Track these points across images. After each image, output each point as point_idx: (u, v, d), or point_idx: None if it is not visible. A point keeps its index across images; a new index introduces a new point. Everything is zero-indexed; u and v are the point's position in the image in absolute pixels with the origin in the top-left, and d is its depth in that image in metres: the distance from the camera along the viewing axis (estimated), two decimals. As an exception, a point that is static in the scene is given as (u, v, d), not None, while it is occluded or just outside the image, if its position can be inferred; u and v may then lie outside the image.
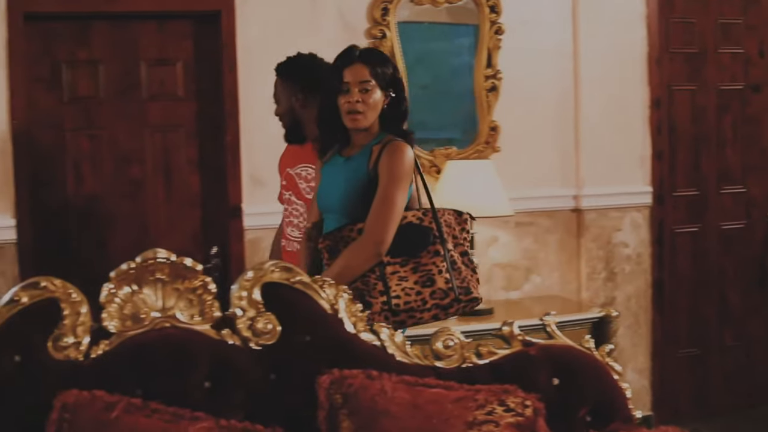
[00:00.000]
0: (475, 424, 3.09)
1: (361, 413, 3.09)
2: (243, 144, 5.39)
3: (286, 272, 3.31)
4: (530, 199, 5.90)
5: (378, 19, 5.57)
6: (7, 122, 5.06)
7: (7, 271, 5.08)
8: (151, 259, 3.17)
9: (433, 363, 3.35)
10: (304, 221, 4.37)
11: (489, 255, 5.89)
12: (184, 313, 3.20)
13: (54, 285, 3.12)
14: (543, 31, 5.98)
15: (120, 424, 2.92)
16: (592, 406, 3.34)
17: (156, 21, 5.44)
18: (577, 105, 6.04)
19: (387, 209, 3.75)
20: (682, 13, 6.24)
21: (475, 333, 4.83)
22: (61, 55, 5.33)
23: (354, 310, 3.34)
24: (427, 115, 5.83)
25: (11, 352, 3.05)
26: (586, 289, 6.07)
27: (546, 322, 3.44)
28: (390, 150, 3.83)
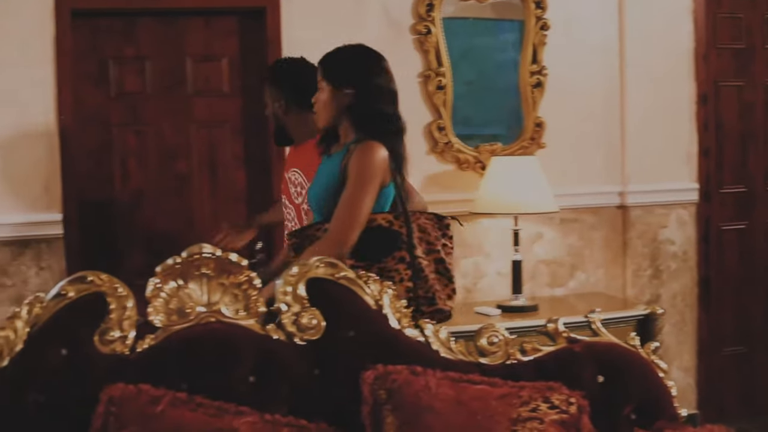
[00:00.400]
0: (520, 420, 3.08)
1: (405, 409, 3.09)
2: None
3: (331, 268, 3.32)
4: (575, 195, 5.87)
5: (423, 15, 5.56)
6: (55, 118, 5.10)
7: (54, 265, 5.11)
8: (196, 254, 3.18)
9: (478, 359, 3.35)
10: (295, 226, 4.39)
11: (534, 252, 5.87)
12: (229, 307, 3.22)
13: (100, 279, 3.14)
14: (589, 26, 5.94)
15: (165, 418, 2.94)
16: (637, 404, 3.32)
17: (202, 17, 5.47)
18: (623, 101, 6.00)
19: (350, 210, 3.65)
20: (730, 8, 6.19)
21: (519, 330, 4.82)
22: (108, 52, 5.36)
23: (398, 306, 3.34)
24: (472, 111, 5.83)
25: (58, 346, 3.07)
26: (632, 286, 6.04)
27: (591, 319, 3.43)
28: (358, 150, 3.72)
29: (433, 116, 5.64)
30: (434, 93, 5.61)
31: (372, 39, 5.34)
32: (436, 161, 5.67)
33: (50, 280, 5.03)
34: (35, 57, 5.06)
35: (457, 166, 5.71)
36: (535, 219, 5.75)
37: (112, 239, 5.36)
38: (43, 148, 5.09)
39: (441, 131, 5.64)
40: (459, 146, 5.69)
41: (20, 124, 5.05)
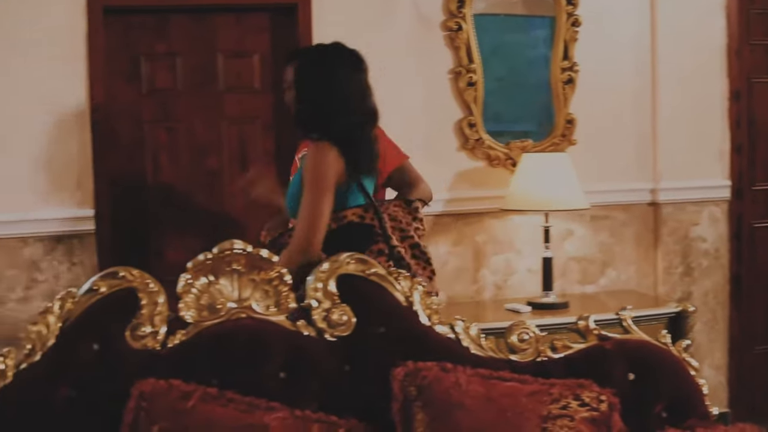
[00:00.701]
0: (550, 418, 3.08)
1: (435, 406, 3.09)
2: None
3: (362, 264, 3.33)
4: (606, 192, 5.85)
5: (454, 11, 5.55)
6: (87, 114, 5.12)
7: (86, 260, 5.14)
8: (227, 250, 3.20)
9: (508, 356, 3.34)
10: None
11: (564, 248, 5.85)
12: (260, 303, 3.23)
13: (132, 275, 3.16)
14: (620, 22, 5.92)
15: (196, 413, 2.95)
16: (668, 402, 3.31)
17: (233, 14, 5.48)
18: (655, 97, 5.97)
19: (306, 215, 3.68)
20: (763, 4, 6.13)
21: (550, 327, 4.81)
22: (139, 48, 5.38)
23: (429, 303, 3.34)
24: (503, 107, 5.81)
25: (90, 341, 3.09)
26: (663, 283, 6.02)
27: (622, 316, 3.42)
28: (308, 154, 3.80)
29: (464, 113, 5.64)
30: (465, 89, 5.60)
31: (402, 35, 5.39)
32: (466, 158, 5.67)
33: (82, 275, 5.06)
34: (68, 54, 5.09)
35: (488, 162, 5.70)
36: (566, 216, 5.74)
37: (144, 235, 5.38)
38: (76, 145, 5.12)
39: (472, 128, 5.63)
40: (490, 143, 5.68)
41: (53, 121, 5.07)
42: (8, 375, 3.00)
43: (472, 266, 5.70)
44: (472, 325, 3.38)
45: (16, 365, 3.03)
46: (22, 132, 5.03)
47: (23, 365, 3.03)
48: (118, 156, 5.32)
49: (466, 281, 5.69)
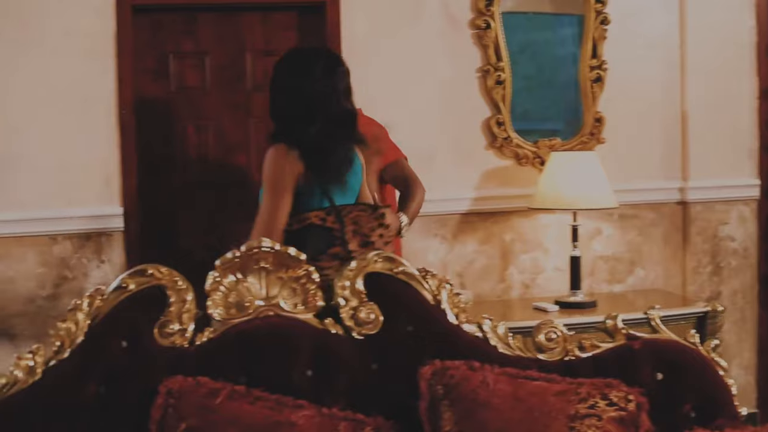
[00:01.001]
0: (577, 417, 3.07)
1: (463, 404, 3.09)
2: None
3: (389, 262, 3.33)
4: (635, 191, 5.83)
5: (482, 10, 5.54)
6: (115, 112, 5.14)
7: (115, 258, 5.16)
8: (255, 248, 3.21)
9: (536, 355, 3.34)
10: None
11: (592, 247, 5.84)
12: (288, 301, 3.24)
13: (161, 272, 3.17)
14: (649, 20, 5.89)
15: (224, 411, 2.96)
16: (696, 402, 3.29)
17: (261, 12, 5.49)
18: (684, 96, 5.95)
19: (261, 217, 3.73)
20: (793, 2, 6.11)
21: (578, 326, 4.80)
22: (168, 47, 5.40)
23: (456, 302, 3.34)
24: (531, 105, 5.81)
25: (118, 338, 3.11)
26: (691, 283, 5.99)
27: (650, 316, 3.41)
28: (267, 154, 3.83)
29: (492, 111, 5.63)
30: (493, 88, 5.59)
31: (430, 34, 5.38)
32: (494, 156, 5.66)
33: (110, 273, 5.09)
34: (97, 52, 5.11)
35: (516, 161, 5.69)
36: (594, 215, 5.73)
37: (172, 233, 5.40)
38: (104, 143, 5.14)
39: (500, 126, 5.62)
40: (518, 141, 5.67)
41: (81, 119, 5.10)
42: (38, 372, 3.02)
43: (500, 265, 5.70)
44: (499, 323, 3.38)
45: (46, 362, 3.05)
46: (51, 130, 5.05)
47: (52, 362, 3.05)
48: (147, 154, 5.34)
49: (494, 280, 5.68)
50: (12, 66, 5.00)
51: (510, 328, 3.42)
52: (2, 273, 5.03)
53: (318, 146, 3.75)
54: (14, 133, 5.01)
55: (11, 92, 5.00)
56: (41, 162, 5.05)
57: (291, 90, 3.84)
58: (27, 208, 5.04)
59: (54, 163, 5.07)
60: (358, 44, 5.38)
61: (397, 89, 5.45)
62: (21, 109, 5.02)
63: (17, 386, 3.00)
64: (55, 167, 5.07)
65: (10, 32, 4.99)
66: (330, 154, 3.78)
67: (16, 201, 5.02)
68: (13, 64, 5.00)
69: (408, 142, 4.92)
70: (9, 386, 3.00)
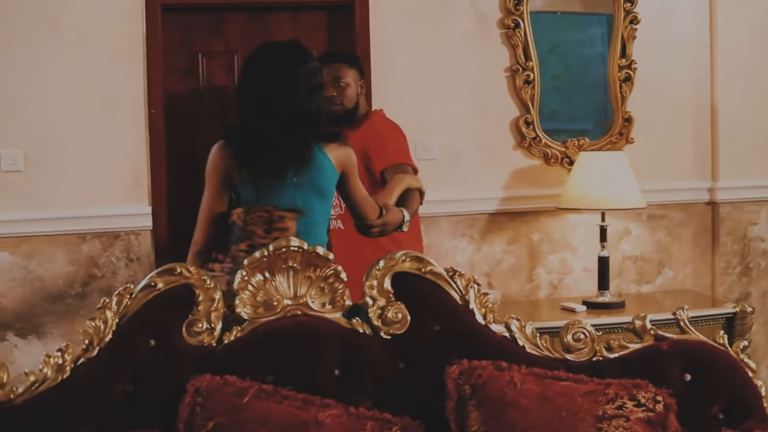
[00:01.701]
0: (605, 418, 3.06)
1: (490, 404, 3.09)
2: (375, 134, 5.41)
3: (417, 262, 3.32)
4: (664, 191, 5.81)
5: (511, 9, 5.53)
6: (144, 112, 5.16)
7: (143, 257, 5.18)
8: (283, 248, 3.21)
9: (563, 356, 3.33)
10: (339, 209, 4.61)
11: (621, 248, 5.82)
12: (316, 301, 3.24)
13: (189, 271, 3.18)
14: (679, 19, 5.87)
15: (251, 410, 2.96)
16: (724, 403, 3.27)
17: (290, 12, 5.50)
18: (714, 95, 5.92)
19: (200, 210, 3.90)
20: (825, -1, 6.07)
21: (605, 326, 4.80)
22: (197, 46, 5.42)
23: (484, 301, 3.34)
24: (559, 105, 5.80)
25: (147, 337, 3.12)
26: (720, 283, 5.96)
27: (678, 316, 3.39)
28: None
29: (521, 111, 5.62)
30: (522, 87, 5.58)
31: (459, 33, 5.38)
32: (522, 156, 5.65)
33: (139, 271, 5.11)
34: (126, 51, 5.13)
35: (544, 161, 5.68)
36: (623, 215, 5.71)
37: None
38: (133, 142, 5.16)
39: (528, 126, 5.61)
40: (546, 141, 5.66)
41: (111, 118, 5.12)
42: (66, 369, 3.04)
43: (528, 265, 5.69)
44: (527, 323, 3.37)
45: (75, 360, 3.06)
46: (80, 129, 5.08)
47: (81, 360, 3.06)
48: (176, 153, 5.36)
49: (522, 280, 5.68)
50: (42, 66, 5.02)
51: (537, 328, 3.41)
52: (32, 271, 5.06)
53: (259, 144, 3.77)
54: (44, 132, 5.04)
55: (42, 92, 5.03)
56: (70, 161, 5.07)
57: (247, 86, 3.87)
58: (56, 207, 5.07)
59: (83, 163, 5.09)
60: (387, 44, 5.38)
61: (426, 89, 5.45)
62: (51, 108, 5.04)
63: (46, 384, 3.01)
64: (85, 166, 5.10)
65: (41, 32, 5.02)
66: (264, 152, 3.77)
67: (45, 200, 5.05)
68: (43, 64, 5.02)
69: (436, 141, 4.93)
70: (38, 384, 3.01)
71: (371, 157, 4.69)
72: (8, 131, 5.01)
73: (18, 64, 4.99)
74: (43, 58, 5.03)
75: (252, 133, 3.79)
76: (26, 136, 5.03)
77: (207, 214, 3.84)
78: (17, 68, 5.00)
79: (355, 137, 4.53)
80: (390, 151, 4.72)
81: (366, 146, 4.67)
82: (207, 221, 3.84)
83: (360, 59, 4.99)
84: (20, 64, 5.00)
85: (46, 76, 5.03)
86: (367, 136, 4.73)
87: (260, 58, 3.90)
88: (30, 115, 5.03)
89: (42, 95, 5.03)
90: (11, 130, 5.01)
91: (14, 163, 5.01)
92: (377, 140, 4.74)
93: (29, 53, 5.00)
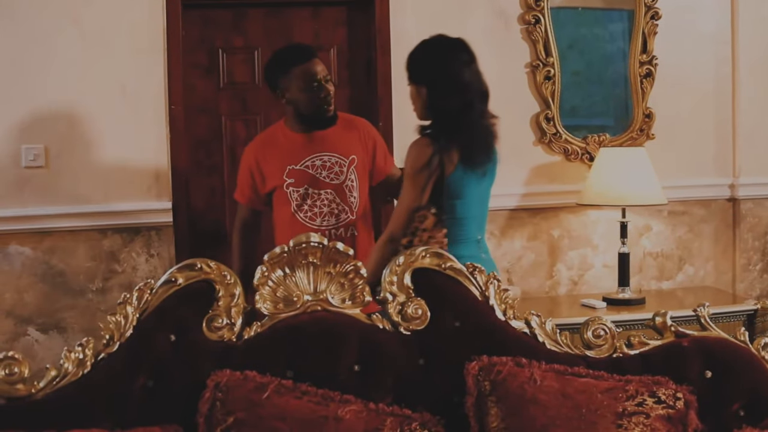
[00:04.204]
0: (625, 415, 3.06)
1: (510, 400, 3.09)
2: (395, 130, 5.40)
3: (437, 258, 3.32)
4: (685, 187, 5.79)
5: (532, 5, 5.52)
6: (165, 108, 5.17)
7: (163, 252, 5.19)
8: (303, 243, 3.21)
9: (584, 352, 3.33)
10: (337, 208, 4.57)
11: (641, 244, 5.81)
12: (336, 296, 3.24)
13: (209, 267, 3.19)
14: (700, 15, 5.85)
15: (271, 405, 2.97)
16: (745, 400, 3.26)
17: (311, 7, 5.50)
18: (735, 92, 5.90)
19: (399, 205, 4.00)
20: None
21: (626, 323, 4.80)
22: (217, 42, 5.43)
23: (504, 298, 3.33)
24: (580, 101, 5.78)
25: (167, 332, 3.13)
26: (741, 280, 5.94)
27: (699, 313, 3.38)
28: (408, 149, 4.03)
29: (541, 107, 5.61)
30: (542, 83, 5.57)
31: (480, 29, 5.37)
32: (543, 152, 5.64)
33: (159, 267, 5.12)
34: (147, 47, 5.14)
35: (565, 157, 5.67)
36: (643, 211, 5.69)
37: (221, 227, 5.42)
38: (154, 137, 5.17)
39: (549, 122, 5.60)
40: (567, 137, 5.65)
41: (132, 114, 5.13)
42: (87, 364, 3.05)
43: (548, 261, 5.68)
44: (547, 320, 3.37)
45: (95, 355, 3.07)
46: (102, 124, 5.09)
47: (102, 355, 3.07)
48: (196, 149, 5.37)
49: (542, 276, 5.67)
50: (64, 62, 5.04)
51: (558, 325, 3.41)
52: (53, 266, 5.08)
53: (461, 135, 3.98)
54: (66, 128, 5.05)
55: (63, 88, 5.04)
56: (92, 157, 5.09)
57: (449, 81, 4.01)
58: (78, 203, 5.08)
59: (104, 158, 5.11)
60: (407, 39, 5.35)
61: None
62: (73, 104, 5.06)
63: (67, 378, 3.03)
64: (106, 162, 5.11)
65: (63, 28, 5.03)
66: (476, 139, 4.08)
67: (67, 195, 5.06)
68: (65, 60, 5.04)
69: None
70: (59, 378, 3.02)
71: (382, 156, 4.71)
72: (30, 127, 5.02)
73: (40, 59, 5.01)
74: (65, 54, 5.04)
75: (460, 123, 3.96)
76: (48, 132, 5.04)
77: (408, 207, 3.90)
78: (40, 64, 5.01)
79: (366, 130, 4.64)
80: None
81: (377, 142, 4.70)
82: (407, 214, 3.90)
83: None
84: (42, 59, 5.01)
85: (68, 71, 5.05)
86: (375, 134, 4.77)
87: (442, 51, 4.05)
88: (52, 111, 5.04)
89: (64, 91, 5.05)
90: (33, 126, 5.02)
91: (36, 159, 5.02)
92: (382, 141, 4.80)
93: (51, 49, 5.02)
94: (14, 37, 4.98)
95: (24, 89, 5.00)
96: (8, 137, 5.00)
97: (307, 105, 4.45)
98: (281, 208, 4.52)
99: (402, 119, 5.36)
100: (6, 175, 5.01)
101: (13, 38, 4.98)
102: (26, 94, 5.01)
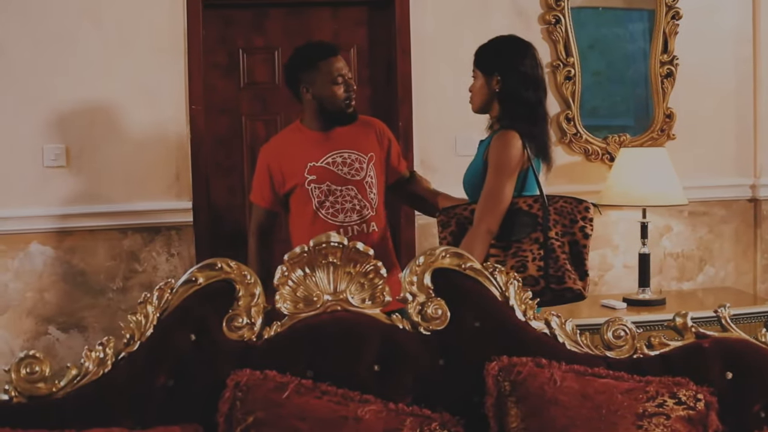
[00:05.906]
0: (645, 416, 3.05)
1: (529, 401, 3.08)
2: (415, 130, 5.40)
3: (457, 258, 3.32)
4: (705, 188, 5.78)
5: (552, 5, 5.52)
6: (186, 108, 5.18)
7: (184, 252, 5.21)
8: (323, 243, 3.21)
9: (604, 353, 3.31)
10: (359, 204, 4.52)
11: (662, 244, 5.80)
12: (356, 296, 3.24)
13: (229, 266, 3.19)
14: (721, 15, 5.84)
15: (291, 405, 2.97)
16: (767, 402, 3.25)
17: (330, 7, 5.50)
18: (756, 91, 5.88)
19: (491, 201, 3.87)
20: None
21: (646, 324, 4.79)
22: (238, 42, 5.44)
23: (524, 298, 3.33)
24: (600, 101, 5.78)
25: (187, 331, 3.13)
26: (762, 281, 5.93)
27: (720, 314, 3.37)
28: (495, 141, 3.95)
29: (562, 107, 5.61)
30: (563, 83, 5.57)
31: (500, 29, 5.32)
32: (563, 152, 5.63)
33: (180, 266, 5.14)
34: (167, 48, 5.16)
35: (585, 157, 5.67)
36: (664, 211, 5.68)
37: (241, 227, 5.42)
38: (174, 137, 5.19)
39: (569, 122, 5.60)
40: (587, 137, 5.65)
41: (152, 114, 5.15)
42: (108, 363, 3.05)
43: (568, 261, 5.66)
44: (567, 320, 3.36)
45: (116, 354, 3.08)
46: (122, 124, 5.11)
47: (122, 354, 3.08)
48: (216, 149, 5.38)
49: (562, 276, 5.65)
50: (84, 62, 5.06)
51: (578, 325, 3.40)
52: (74, 266, 5.10)
53: (540, 130, 4.05)
54: (87, 128, 5.08)
55: (84, 88, 5.06)
56: (112, 157, 5.11)
57: (527, 75, 4.03)
58: (98, 202, 5.10)
59: (125, 158, 5.13)
60: (427, 39, 5.39)
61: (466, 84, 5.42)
62: (94, 104, 5.08)
63: (87, 377, 3.03)
64: (126, 162, 5.13)
65: (83, 28, 5.05)
66: (546, 137, 4.11)
67: (87, 195, 5.08)
68: (85, 60, 5.06)
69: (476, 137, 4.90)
70: (80, 377, 3.03)
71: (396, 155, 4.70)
72: (52, 126, 5.04)
73: (61, 60, 5.03)
74: (86, 54, 5.06)
75: (534, 119, 4.00)
76: (69, 132, 5.06)
77: (506, 202, 3.90)
78: (61, 64, 5.04)
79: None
80: None
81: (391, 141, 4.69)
82: (504, 210, 3.89)
83: None
84: (63, 60, 5.04)
85: (89, 71, 5.07)
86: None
87: (521, 46, 4.09)
88: (73, 111, 5.06)
89: (84, 91, 5.07)
90: (55, 126, 5.05)
91: (57, 158, 5.05)
92: None
93: (72, 49, 5.04)
94: (35, 37, 5.00)
95: (45, 89, 5.03)
96: (30, 137, 5.03)
97: (332, 100, 4.43)
98: (302, 207, 4.50)
99: (421, 119, 5.37)
100: (27, 174, 5.03)
101: (34, 38, 5.00)
102: (47, 94, 5.03)
